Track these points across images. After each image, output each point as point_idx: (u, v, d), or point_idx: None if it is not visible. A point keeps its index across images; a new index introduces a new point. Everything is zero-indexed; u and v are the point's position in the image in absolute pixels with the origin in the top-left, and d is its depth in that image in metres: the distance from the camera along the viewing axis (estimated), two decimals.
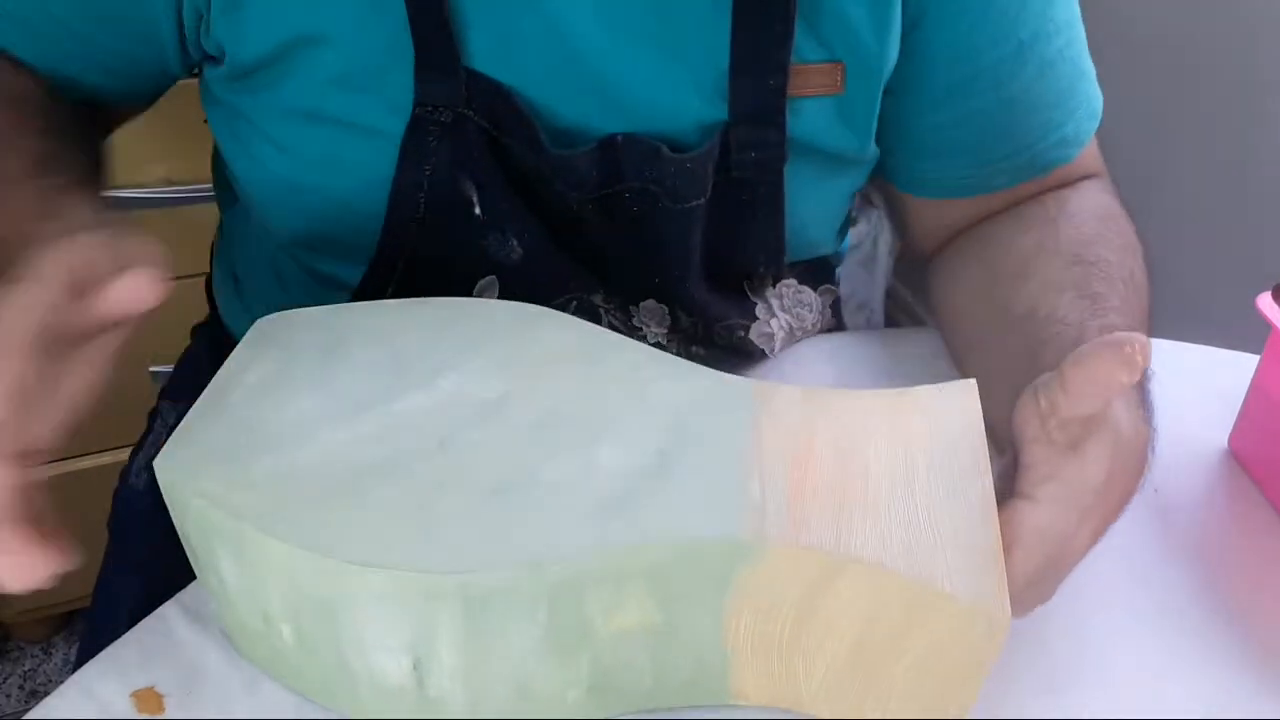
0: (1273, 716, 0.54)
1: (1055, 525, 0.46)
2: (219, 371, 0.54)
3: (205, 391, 0.53)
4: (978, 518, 0.47)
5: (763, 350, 0.72)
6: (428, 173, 0.64)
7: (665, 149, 0.63)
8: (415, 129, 0.62)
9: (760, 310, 0.72)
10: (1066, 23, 0.68)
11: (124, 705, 0.52)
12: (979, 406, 0.52)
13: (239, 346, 0.55)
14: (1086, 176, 0.73)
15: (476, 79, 0.62)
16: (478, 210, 0.65)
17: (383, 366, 0.54)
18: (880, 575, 0.45)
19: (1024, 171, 0.70)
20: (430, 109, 0.62)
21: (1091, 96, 0.70)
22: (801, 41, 0.63)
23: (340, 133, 0.64)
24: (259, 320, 0.58)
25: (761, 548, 0.46)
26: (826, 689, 0.49)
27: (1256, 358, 0.67)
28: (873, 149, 0.70)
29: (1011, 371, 0.62)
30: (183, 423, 0.51)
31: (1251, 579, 0.61)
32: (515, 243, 0.65)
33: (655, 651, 0.49)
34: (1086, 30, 0.70)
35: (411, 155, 0.63)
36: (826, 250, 0.77)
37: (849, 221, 0.79)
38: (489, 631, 0.46)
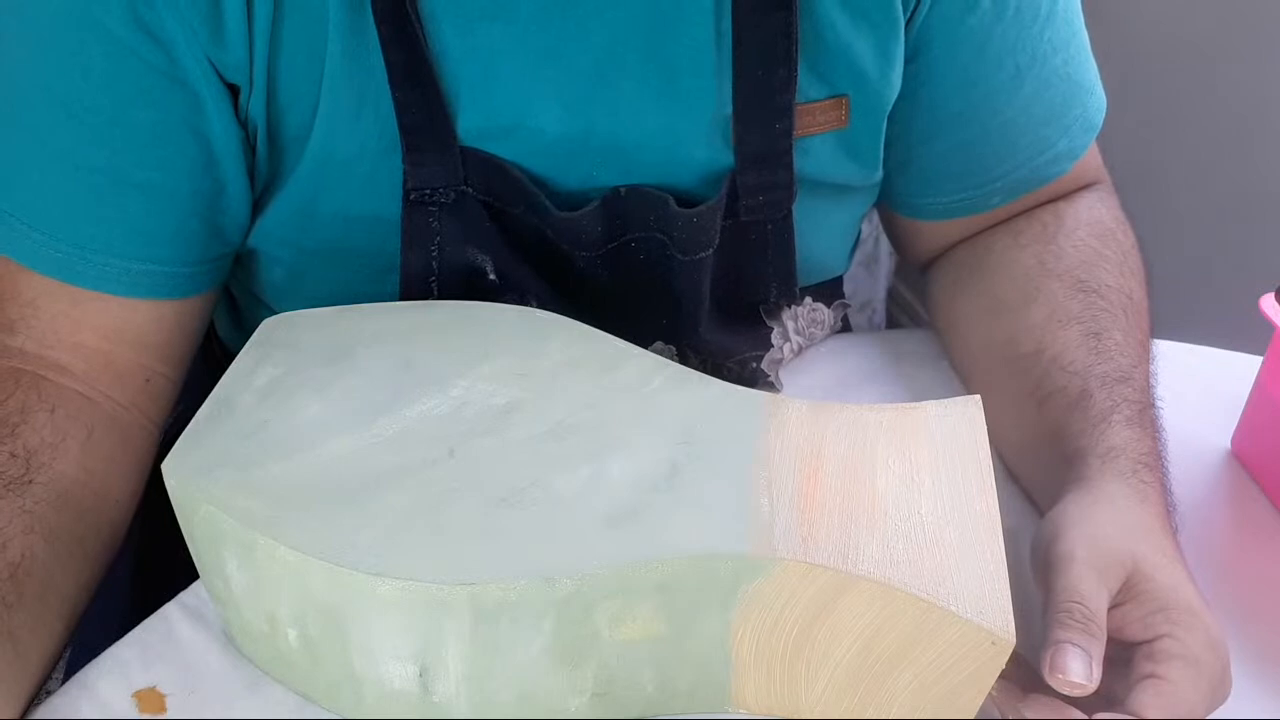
0: (1273, 717, 0.54)
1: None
2: (226, 373, 0.54)
3: (212, 393, 0.53)
4: (984, 535, 0.47)
5: (769, 377, 0.72)
6: (434, 253, 0.63)
7: (672, 201, 0.63)
8: (414, 212, 0.62)
9: (775, 336, 0.71)
10: (1065, 40, 0.67)
11: (126, 705, 0.52)
12: (984, 422, 0.52)
13: (246, 347, 0.55)
14: (1085, 186, 0.73)
15: (471, 156, 0.61)
16: (492, 276, 0.65)
17: (391, 372, 0.54)
18: (886, 592, 0.45)
19: (1019, 189, 0.71)
20: (428, 191, 0.61)
21: (1089, 108, 0.70)
22: (804, 81, 0.62)
23: (338, 225, 0.64)
24: (265, 320, 0.58)
25: (770, 563, 0.46)
26: (827, 700, 0.49)
27: (1259, 359, 0.67)
28: (879, 174, 0.70)
29: (1017, 415, 0.63)
30: (190, 426, 0.51)
31: (1253, 579, 0.61)
32: (534, 302, 0.65)
33: (659, 661, 0.49)
34: (1087, 29, 0.70)
35: (416, 238, 0.63)
36: (839, 271, 0.77)
37: (859, 239, 0.80)
38: (496, 641, 0.46)
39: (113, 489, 0.59)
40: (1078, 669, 0.46)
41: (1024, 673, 0.49)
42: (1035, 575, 0.53)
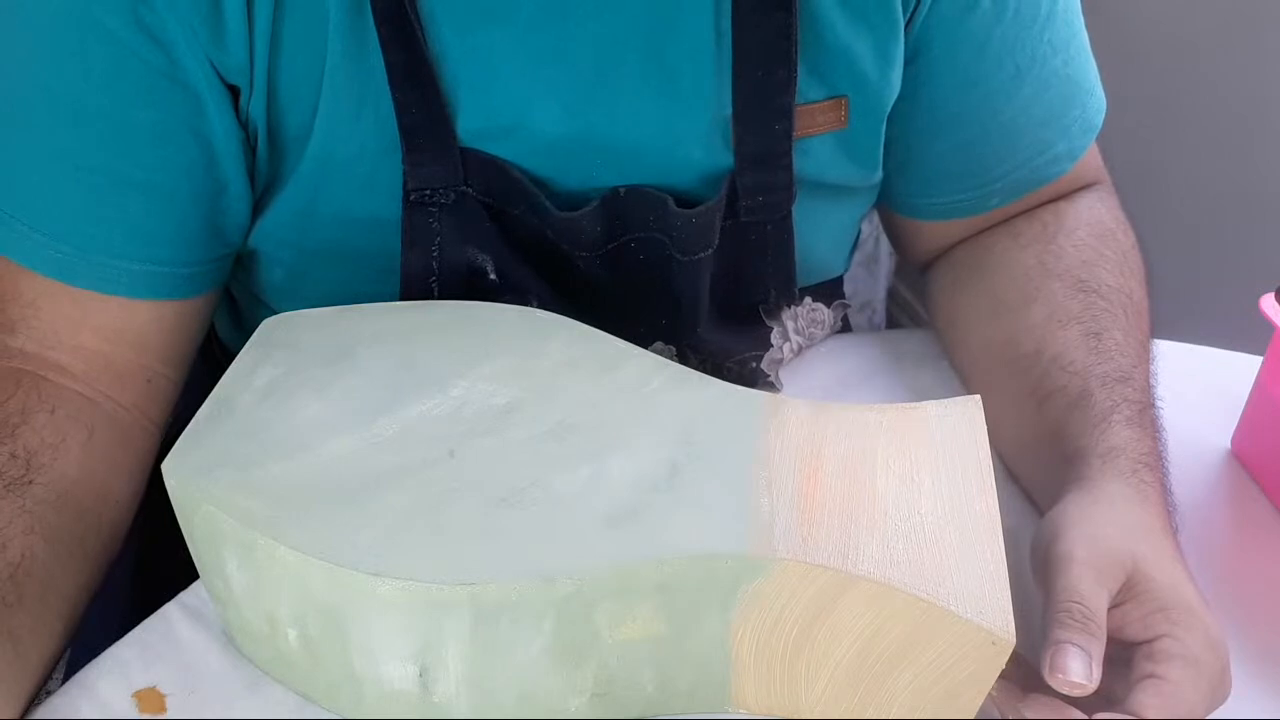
0: (1273, 717, 0.54)
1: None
2: (226, 373, 0.54)
3: (212, 394, 0.53)
4: (984, 535, 0.47)
5: (769, 377, 0.72)
6: (434, 253, 0.63)
7: (671, 201, 0.63)
8: (414, 212, 0.62)
9: (775, 336, 0.71)
10: (1065, 41, 0.67)
11: (126, 705, 0.52)
12: (984, 423, 0.52)
13: (246, 347, 0.55)
14: (1085, 186, 0.73)
15: (471, 156, 0.61)
16: (492, 276, 0.65)
17: (391, 372, 0.53)
18: (887, 592, 0.45)
19: (1018, 190, 0.71)
20: (428, 191, 0.61)
21: (1089, 109, 0.70)
22: (803, 82, 0.62)
23: (338, 226, 0.64)
24: (265, 320, 0.58)
25: (770, 563, 0.46)
26: (827, 700, 0.49)
27: (1259, 359, 0.67)
28: (878, 175, 0.70)
29: (1017, 415, 0.63)
30: (190, 426, 0.51)
31: (1253, 579, 0.61)
32: (534, 302, 0.65)
33: (659, 661, 0.49)
34: (1087, 29, 0.70)
35: (416, 238, 0.63)
36: (839, 271, 0.78)
37: (858, 239, 0.79)
38: (496, 641, 0.46)
39: (113, 489, 0.59)
40: (1077, 669, 0.46)
41: (1024, 673, 0.49)
42: (1035, 575, 0.53)
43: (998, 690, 0.48)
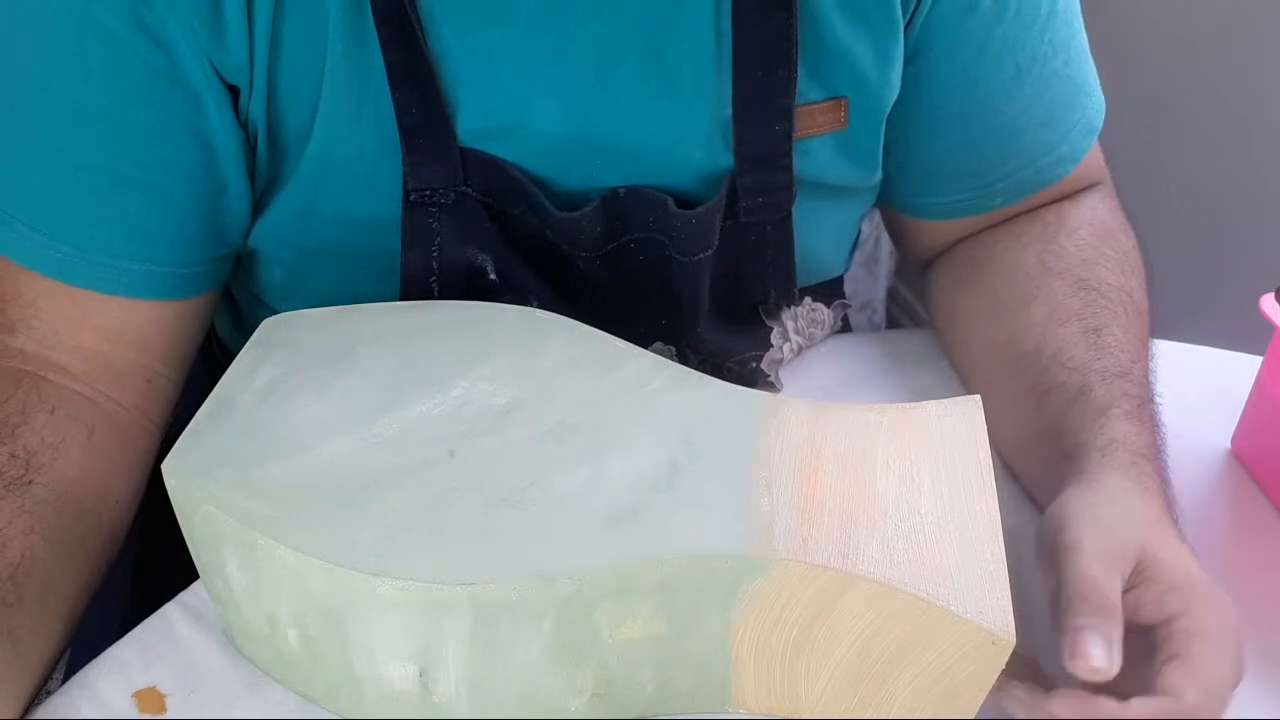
0: (1273, 717, 0.54)
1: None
2: (226, 372, 0.54)
3: (212, 393, 0.53)
4: (984, 535, 0.47)
5: (769, 377, 0.72)
6: (434, 253, 0.63)
7: (671, 202, 0.63)
8: (414, 212, 0.62)
9: (775, 336, 0.71)
10: (1065, 41, 0.67)
11: (126, 705, 0.52)
12: (984, 422, 0.52)
13: (246, 347, 0.55)
14: (1086, 187, 0.73)
15: (471, 156, 0.61)
16: (492, 276, 0.65)
17: (391, 372, 0.54)
18: (887, 592, 0.45)
19: (1020, 191, 0.71)
20: (428, 191, 0.61)
21: (1089, 110, 0.70)
22: (803, 83, 0.62)
23: (338, 226, 0.64)
24: (266, 320, 0.58)
25: (770, 563, 0.46)
26: (827, 700, 0.50)
27: (1259, 359, 0.67)
28: (878, 176, 0.70)
29: (1017, 412, 0.63)
30: (190, 426, 0.51)
31: (1253, 579, 0.61)
32: (534, 302, 0.65)
33: (659, 661, 0.49)
34: (1087, 29, 0.70)
35: (416, 238, 0.63)
36: (838, 272, 0.78)
37: (858, 239, 0.80)
38: (496, 641, 0.46)
39: (113, 489, 0.59)
40: (1098, 653, 0.46)
41: (1030, 674, 0.49)
42: (1042, 568, 0.53)
43: (1023, 693, 0.48)
